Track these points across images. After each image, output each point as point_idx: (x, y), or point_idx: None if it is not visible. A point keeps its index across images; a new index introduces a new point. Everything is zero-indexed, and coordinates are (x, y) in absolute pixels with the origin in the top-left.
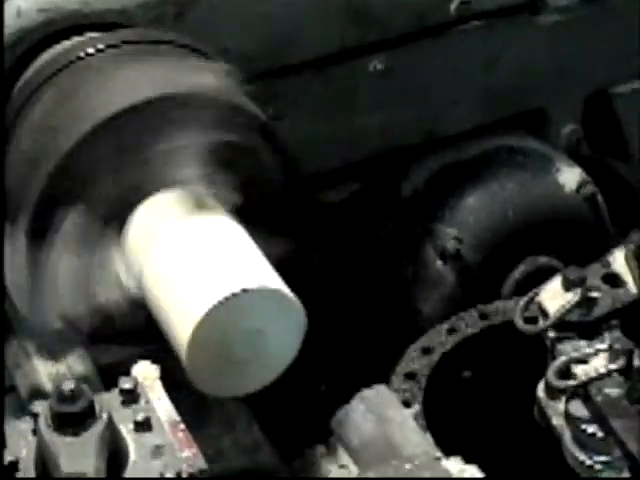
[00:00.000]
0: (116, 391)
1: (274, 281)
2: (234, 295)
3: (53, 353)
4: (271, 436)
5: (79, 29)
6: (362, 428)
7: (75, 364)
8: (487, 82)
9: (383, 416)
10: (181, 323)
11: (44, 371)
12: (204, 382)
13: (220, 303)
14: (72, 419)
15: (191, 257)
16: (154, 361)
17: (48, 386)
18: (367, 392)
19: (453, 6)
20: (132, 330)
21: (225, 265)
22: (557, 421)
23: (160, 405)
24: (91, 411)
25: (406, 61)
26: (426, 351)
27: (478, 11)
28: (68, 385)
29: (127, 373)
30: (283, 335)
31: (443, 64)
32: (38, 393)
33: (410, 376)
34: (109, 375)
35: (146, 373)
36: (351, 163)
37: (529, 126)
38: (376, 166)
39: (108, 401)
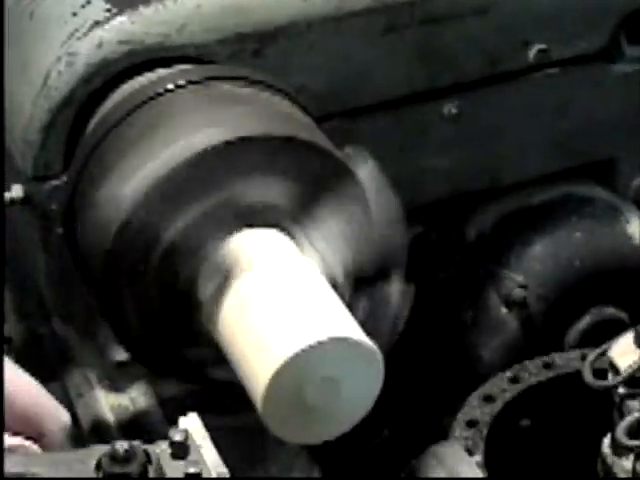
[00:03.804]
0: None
1: (354, 331)
2: (314, 344)
3: (116, 385)
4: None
5: (159, 62)
6: None
7: (138, 396)
8: (557, 130)
9: (455, 473)
10: (258, 369)
11: (106, 402)
12: (278, 428)
13: (299, 352)
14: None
15: (269, 302)
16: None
17: (110, 418)
18: (439, 447)
19: (532, 53)
20: (202, 368)
21: (305, 312)
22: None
23: (209, 460)
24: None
25: (478, 106)
26: (488, 399)
27: (556, 58)
28: (121, 446)
29: (189, 407)
30: (361, 385)
31: (515, 110)
32: (100, 424)
33: (471, 424)
34: (171, 408)
35: (194, 426)
36: (416, 206)
37: (598, 176)
38: (440, 210)
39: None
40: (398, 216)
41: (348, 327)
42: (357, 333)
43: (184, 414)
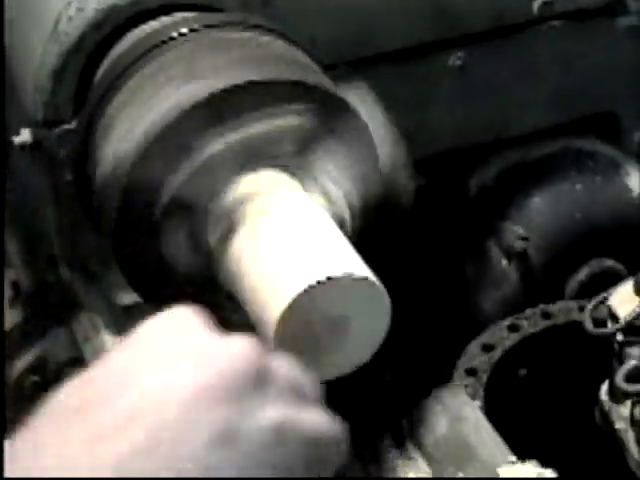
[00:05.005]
0: None
1: (361, 268)
2: (322, 281)
3: (122, 329)
4: None
5: (168, 9)
6: (436, 427)
7: None
8: (561, 83)
9: (458, 415)
10: (269, 307)
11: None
12: None
13: (308, 289)
14: None
15: (277, 242)
16: None
17: None
18: (442, 391)
19: (536, 6)
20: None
21: (313, 251)
22: (621, 425)
23: None
24: None
25: (482, 58)
26: (487, 348)
27: (560, 11)
28: None
29: None
30: (369, 323)
31: (518, 63)
32: None
33: (471, 372)
34: None
35: None
36: (420, 158)
37: (600, 130)
38: (443, 162)
39: None
40: (402, 156)
41: (355, 265)
42: (364, 270)
43: None
